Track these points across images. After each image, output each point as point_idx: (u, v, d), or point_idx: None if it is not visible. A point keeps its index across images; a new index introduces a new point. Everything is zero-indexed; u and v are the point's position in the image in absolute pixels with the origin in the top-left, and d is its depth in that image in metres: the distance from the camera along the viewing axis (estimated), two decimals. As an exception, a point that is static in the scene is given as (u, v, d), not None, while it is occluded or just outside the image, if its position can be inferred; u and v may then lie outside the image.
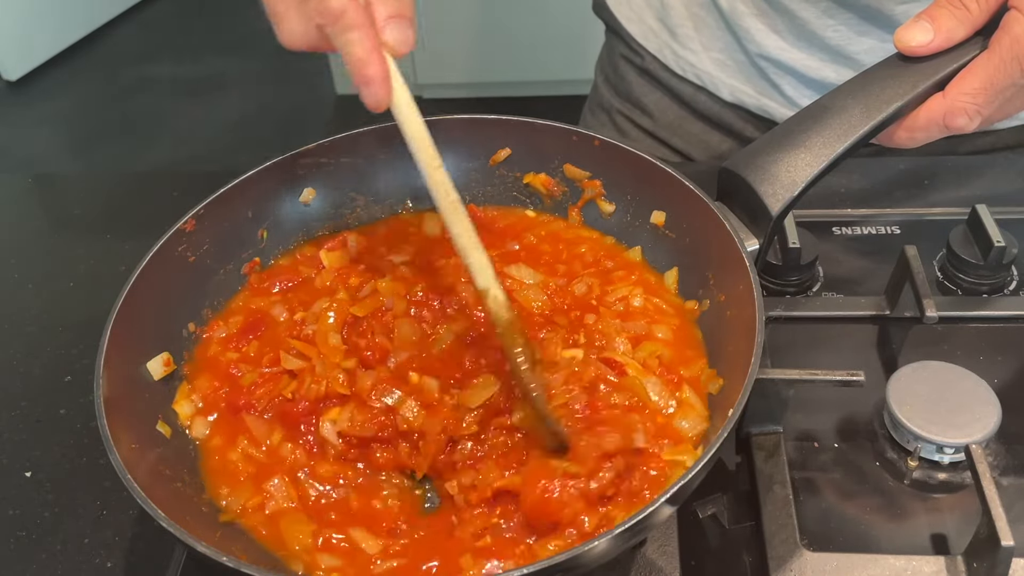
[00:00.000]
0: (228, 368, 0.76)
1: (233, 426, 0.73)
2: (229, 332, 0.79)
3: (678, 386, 0.72)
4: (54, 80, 3.79)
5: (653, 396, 0.71)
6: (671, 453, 0.67)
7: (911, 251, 0.84)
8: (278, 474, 0.69)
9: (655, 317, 0.78)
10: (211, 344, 0.79)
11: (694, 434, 0.69)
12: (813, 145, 0.72)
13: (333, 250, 0.85)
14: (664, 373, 0.73)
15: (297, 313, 0.79)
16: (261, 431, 0.72)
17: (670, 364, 0.74)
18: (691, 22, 1.11)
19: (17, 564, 0.75)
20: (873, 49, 0.99)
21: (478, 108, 0.72)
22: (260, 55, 3.86)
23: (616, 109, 1.26)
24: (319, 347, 0.74)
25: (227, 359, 0.77)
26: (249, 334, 0.79)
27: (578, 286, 0.80)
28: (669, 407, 0.70)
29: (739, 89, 1.11)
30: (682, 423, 0.69)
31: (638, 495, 0.65)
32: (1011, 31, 0.69)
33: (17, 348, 0.96)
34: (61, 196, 1.24)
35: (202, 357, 0.78)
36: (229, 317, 0.81)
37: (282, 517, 0.67)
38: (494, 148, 0.90)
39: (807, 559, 0.68)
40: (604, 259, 0.84)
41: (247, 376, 0.75)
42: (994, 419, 0.73)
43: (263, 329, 0.79)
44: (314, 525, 0.67)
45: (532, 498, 0.63)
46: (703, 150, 1.20)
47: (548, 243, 0.87)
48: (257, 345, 0.78)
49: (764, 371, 0.72)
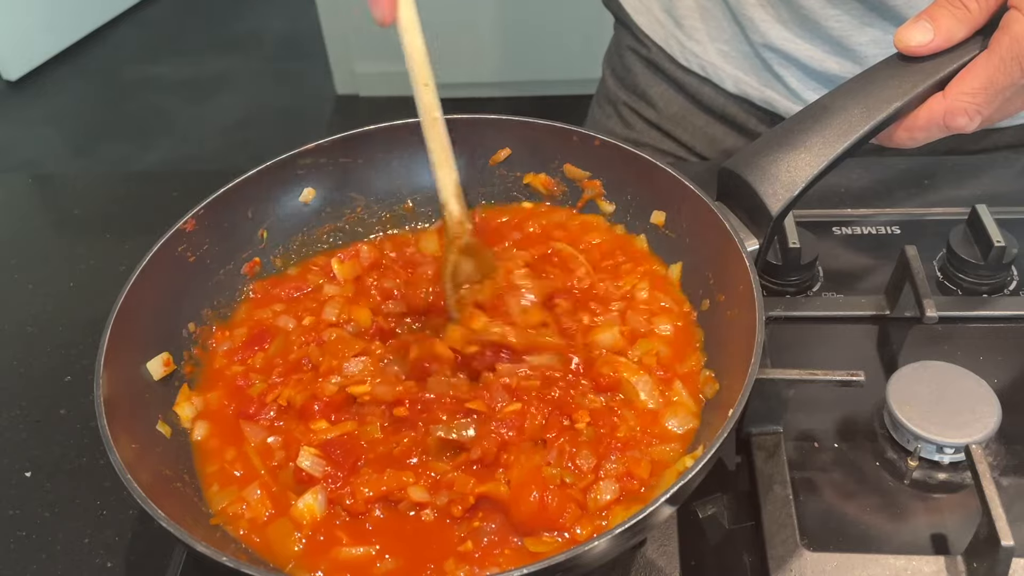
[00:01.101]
0: (235, 381, 0.76)
1: (233, 430, 0.73)
2: (234, 345, 0.80)
3: (669, 384, 0.72)
4: (54, 80, 3.79)
5: (642, 395, 0.71)
6: (658, 452, 0.68)
7: (911, 251, 0.84)
8: (258, 482, 0.69)
9: (658, 311, 0.78)
10: (216, 357, 0.79)
11: (683, 432, 0.69)
12: (813, 145, 0.72)
13: (346, 261, 0.86)
14: (659, 370, 0.73)
15: (305, 319, 0.80)
16: (258, 438, 0.72)
17: (668, 362, 0.74)
18: (697, 13, 1.12)
19: (17, 564, 0.75)
20: (876, 41, 0.99)
21: (483, 108, 0.73)
22: (260, 55, 3.86)
23: (622, 101, 1.26)
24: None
25: (233, 372, 0.77)
26: (255, 345, 0.79)
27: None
28: (658, 404, 0.71)
29: (743, 80, 1.11)
30: (670, 422, 0.70)
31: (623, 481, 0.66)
32: (1011, 31, 0.69)
33: (17, 348, 0.96)
34: (61, 196, 1.24)
35: (209, 369, 0.78)
36: (233, 329, 0.81)
37: (269, 525, 0.67)
38: (494, 148, 0.90)
39: (807, 559, 0.68)
40: (617, 251, 0.84)
41: (256, 386, 0.75)
42: (994, 419, 0.73)
43: (269, 340, 0.79)
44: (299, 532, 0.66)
45: (526, 508, 0.64)
46: (707, 143, 1.20)
47: (558, 232, 0.87)
48: (263, 357, 0.78)
49: (764, 371, 0.72)
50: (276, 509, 0.67)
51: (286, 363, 0.77)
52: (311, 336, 0.78)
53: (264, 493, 0.68)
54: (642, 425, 0.70)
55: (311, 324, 0.79)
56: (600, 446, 0.68)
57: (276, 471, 0.70)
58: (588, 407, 0.70)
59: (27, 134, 3.53)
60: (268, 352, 0.78)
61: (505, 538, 0.64)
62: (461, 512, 0.65)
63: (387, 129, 0.88)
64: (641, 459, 0.67)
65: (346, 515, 0.67)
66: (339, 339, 0.76)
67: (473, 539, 0.64)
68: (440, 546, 0.64)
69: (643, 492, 0.66)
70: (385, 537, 0.66)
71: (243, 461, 0.71)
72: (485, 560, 0.63)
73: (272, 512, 0.67)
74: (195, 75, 3.79)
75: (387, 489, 0.66)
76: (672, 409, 0.71)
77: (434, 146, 0.75)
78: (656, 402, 0.71)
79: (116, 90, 3.74)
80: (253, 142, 3.35)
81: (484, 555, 0.63)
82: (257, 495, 0.68)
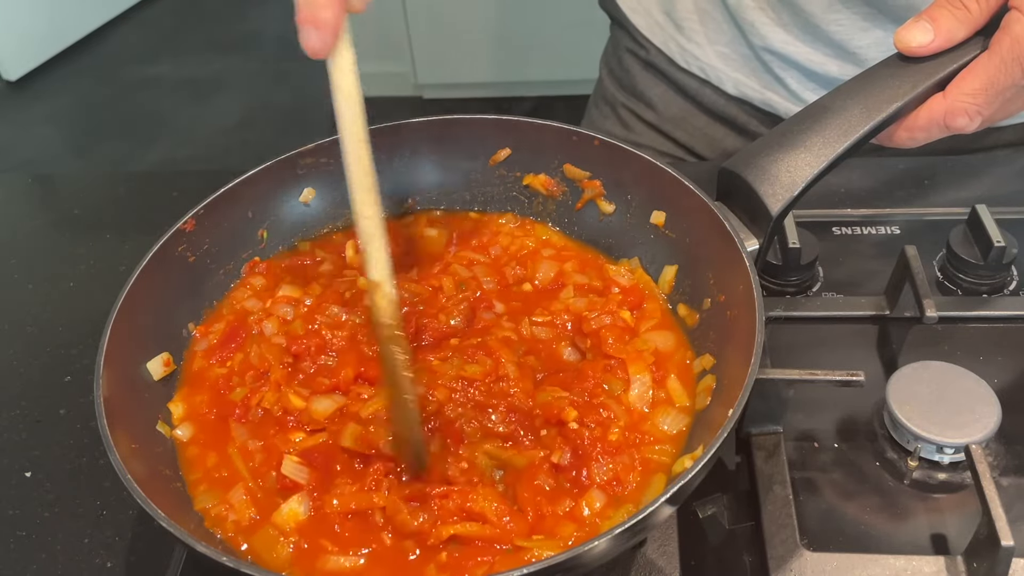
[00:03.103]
0: (217, 386, 0.75)
1: (216, 434, 0.73)
2: (210, 344, 0.79)
3: (662, 384, 0.73)
4: (54, 80, 3.79)
5: (634, 390, 0.72)
6: (650, 451, 0.68)
7: (911, 251, 0.84)
8: (242, 484, 0.68)
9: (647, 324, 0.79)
10: (195, 358, 0.78)
11: (675, 432, 0.70)
12: (813, 145, 0.72)
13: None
14: (653, 370, 0.74)
15: (267, 302, 0.80)
16: (243, 439, 0.72)
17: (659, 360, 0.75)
18: (697, 15, 1.12)
19: (17, 564, 0.75)
20: (877, 43, 0.99)
21: (482, 108, 0.72)
22: (260, 55, 3.86)
23: (620, 103, 1.26)
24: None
25: (215, 375, 0.76)
26: (231, 343, 0.78)
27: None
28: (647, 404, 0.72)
29: (743, 83, 1.11)
30: (663, 421, 0.70)
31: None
32: (1011, 31, 0.68)
33: (17, 348, 0.96)
34: (61, 196, 1.24)
35: (188, 371, 0.77)
36: (214, 324, 0.81)
37: (256, 530, 0.67)
38: (494, 148, 0.90)
39: (807, 559, 0.68)
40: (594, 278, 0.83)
41: (237, 392, 0.74)
42: (994, 419, 0.73)
43: (243, 336, 0.79)
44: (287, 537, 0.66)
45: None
46: (707, 144, 1.20)
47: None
48: (242, 357, 0.77)
49: (764, 371, 0.72)
50: (261, 514, 0.67)
51: (259, 370, 0.76)
52: (286, 345, 0.77)
53: (249, 498, 0.68)
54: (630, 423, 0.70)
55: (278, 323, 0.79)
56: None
57: (260, 473, 0.69)
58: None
59: (27, 134, 3.53)
60: (247, 354, 0.77)
61: (487, 547, 0.64)
62: (434, 544, 0.64)
63: (387, 129, 0.88)
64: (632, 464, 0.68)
65: (334, 523, 0.66)
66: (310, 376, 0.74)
67: (448, 551, 0.63)
68: (419, 558, 0.64)
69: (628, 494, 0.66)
70: (363, 546, 0.65)
71: (227, 465, 0.70)
72: (464, 569, 0.62)
73: (257, 517, 0.67)
74: (195, 75, 3.79)
75: (356, 507, 0.66)
76: (663, 410, 0.71)
77: (369, 213, 0.66)
78: (646, 401, 0.72)
79: (116, 90, 3.74)
80: (253, 142, 3.35)
81: (464, 562, 0.63)
82: (243, 499, 0.67)
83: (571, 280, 0.83)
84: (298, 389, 0.73)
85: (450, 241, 0.88)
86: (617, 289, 0.81)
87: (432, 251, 0.87)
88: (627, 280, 0.82)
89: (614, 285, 0.82)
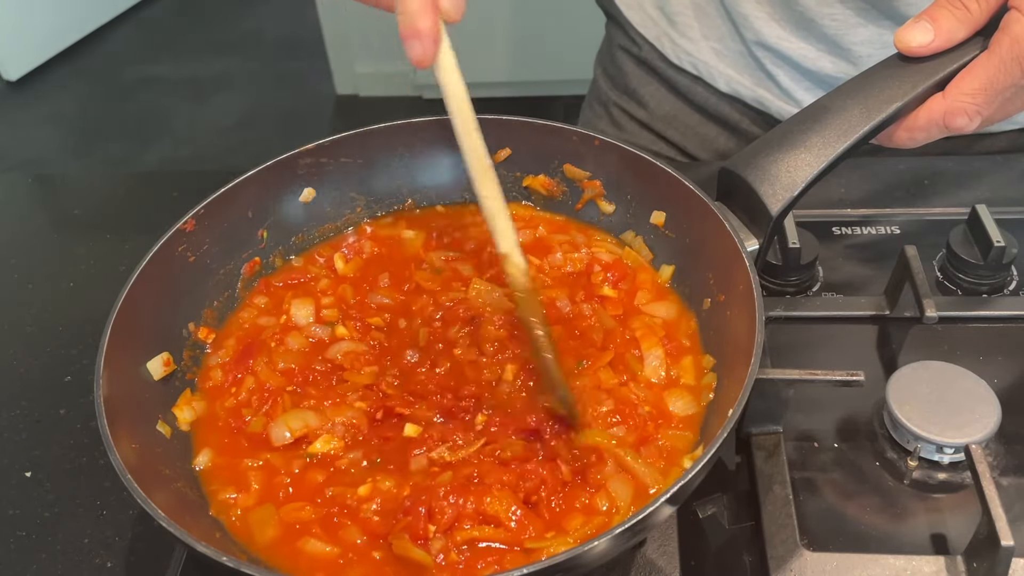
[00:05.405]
0: (229, 421, 0.75)
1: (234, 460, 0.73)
2: (222, 360, 0.79)
3: (676, 360, 0.75)
4: (54, 80, 3.79)
5: (649, 364, 0.74)
6: (664, 436, 0.70)
7: (911, 251, 0.84)
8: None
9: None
10: (209, 373, 0.78)
11: (686, 415, 0.71)
12: (813, 145, 0.72)
13: (351, 259, 0.87)
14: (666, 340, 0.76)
15: (282, 317, 0.81)
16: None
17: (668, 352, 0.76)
18: (691, 10, 1.11)
19: (17, 564, 0.75)
20: (870, 41, 0.99)
21: (482, 108, 0.72)
22: (260, 55, 3.86)
23: (613, 102, 1.26)
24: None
25: (227, 407, 0.76)
26: (247, 358, 0.78)
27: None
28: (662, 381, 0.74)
29: (735, 79, 1.11)
30: (675, 403, 0.72)
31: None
32: (1011, 31, 0.69)
33: (17, 348, 0.96)
34: (61, 196, 1.24)
35: (202, 388, 0.77)
36: (225, 340, 0.80)
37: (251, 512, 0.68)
38: (494, 148, 0.89)
39: (807, 559, 0.68)
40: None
41: (252, 423, 0.73)
42: (994, 419, 0.73)
43: (256, 355, 0.78)
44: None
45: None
46: (699, 143, 1.20)
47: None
48: (253, 380, 0.76)
49: (764, 371, 0.72)
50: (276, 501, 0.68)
51: (272, 391, 0.76)
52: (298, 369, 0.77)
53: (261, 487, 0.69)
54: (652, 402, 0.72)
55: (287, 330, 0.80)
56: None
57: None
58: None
59: (27, 134, 3.53)
60: (257, 375, 0.77)
61: (491, 549, 0.64)
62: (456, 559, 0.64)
63: (387, 129, 0.88)
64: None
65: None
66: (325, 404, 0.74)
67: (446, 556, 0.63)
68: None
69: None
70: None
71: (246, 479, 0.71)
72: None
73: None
74: (195, 75, 3.79)
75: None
76: (677, 392, 0.73)
77: (487, 193, 0.71)
78: (661, 381, 0.73)
79: (116, 90, 3.74)
80: (253, 142, 3.35)
81: (467, 567, 0.63)
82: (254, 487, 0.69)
83: (554, 242, 0.85)
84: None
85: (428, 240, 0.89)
86: (599, 267, 0.82)
87: (409, 252, 0.88)
88: (609, 256, 0.83)
89: (596, 263, 0.83)
